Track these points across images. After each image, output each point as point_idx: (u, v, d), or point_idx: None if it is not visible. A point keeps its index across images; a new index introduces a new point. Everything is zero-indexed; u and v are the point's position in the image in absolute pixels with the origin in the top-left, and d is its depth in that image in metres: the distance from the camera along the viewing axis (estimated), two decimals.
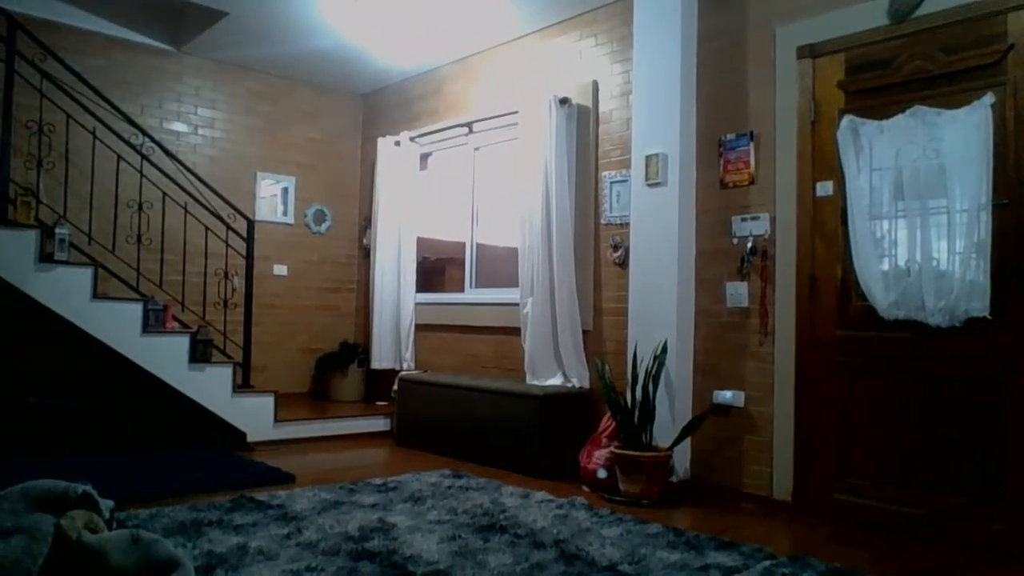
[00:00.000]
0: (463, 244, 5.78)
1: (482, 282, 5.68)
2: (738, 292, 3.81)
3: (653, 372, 3.78)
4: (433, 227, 6.30)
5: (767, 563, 2.65)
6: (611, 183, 4.55)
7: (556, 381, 4.64)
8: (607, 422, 4.07)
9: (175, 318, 4.91)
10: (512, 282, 5.08)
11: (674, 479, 3.81)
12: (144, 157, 4.79)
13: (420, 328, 5.90)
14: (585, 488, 3.90)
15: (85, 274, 4.36)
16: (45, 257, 4.24)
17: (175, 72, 5.83)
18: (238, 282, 5.22)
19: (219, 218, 5.10)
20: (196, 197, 5.07)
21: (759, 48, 3.81)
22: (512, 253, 5.10)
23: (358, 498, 3.46)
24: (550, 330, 4.68)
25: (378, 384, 6.04)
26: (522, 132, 4.92)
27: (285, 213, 6.38)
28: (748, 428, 3.75)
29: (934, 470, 3.12)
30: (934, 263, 3.10)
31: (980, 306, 2.95)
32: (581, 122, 4.74)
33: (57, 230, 4.30)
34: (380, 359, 6.00)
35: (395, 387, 5.37)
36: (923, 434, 3.15)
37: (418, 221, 6.09)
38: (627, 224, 4.29)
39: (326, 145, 6.62)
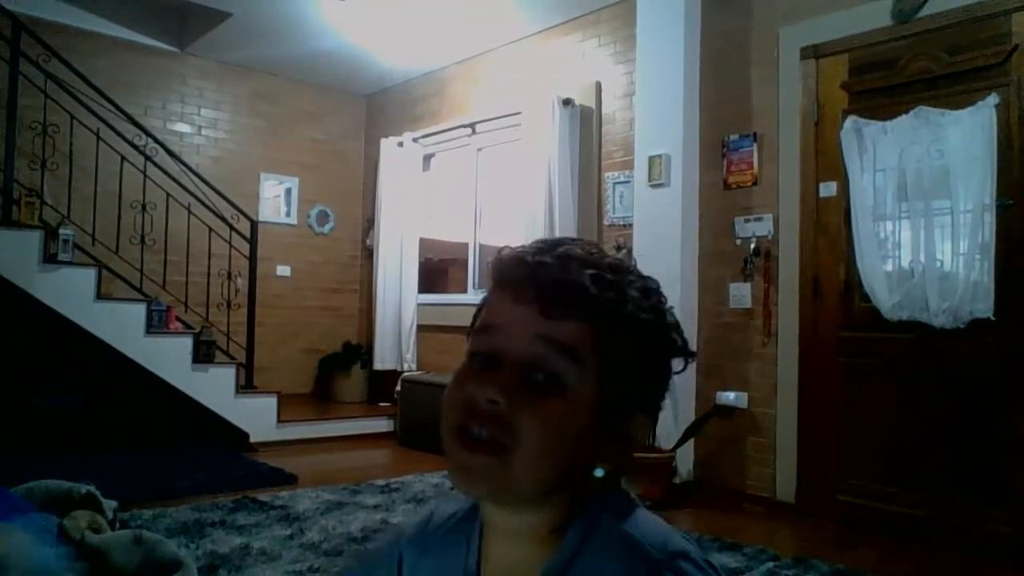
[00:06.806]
0: (466, 245, 5.78)
1: (485, 283, 5.68)
2: (741, 293, 3.81)
3: None
4: (436, 228, 6.30)
5: (771, 564, 2.64)
6: (614, 184, 4.54)
7: None
8: None
9: (178, 319, 4.91)
10: None
11: (677, 480, 3.80)
12: (148, 158, 4.80)
13: (424, 329, 5.90)
14: None
15: (89, 275, 4.37)
16: (49, 258, 4.24)
17: (179, 73, 5.84)
18: (241, 283, 5.22)
19: (222, 219, 5.10)
20: (199, 198, 5.07)
21: (763, 49, 3.80)
22: None
23: (361, 499, 3.46)
24: None
25: (381, 385, 6.04)
26: (525, 133, 4.92)
27: (288, 214, 6.39)
28: (751, 429, 3.74)
29: (938, 471, 3.11)
30: (938, 264, 3.09)
31: (984, 307, 2.94)
32: (584, 123, 4.73)
33: (61, 231, 4.31)
34: (383, 360, 6.00)
35: (398, 388, 5.37)
36: (927, 435, 3.14)
37: (421, 222, 6.09)
38: (630, 225, 4.29)
39: (329, 146, 6.62)
